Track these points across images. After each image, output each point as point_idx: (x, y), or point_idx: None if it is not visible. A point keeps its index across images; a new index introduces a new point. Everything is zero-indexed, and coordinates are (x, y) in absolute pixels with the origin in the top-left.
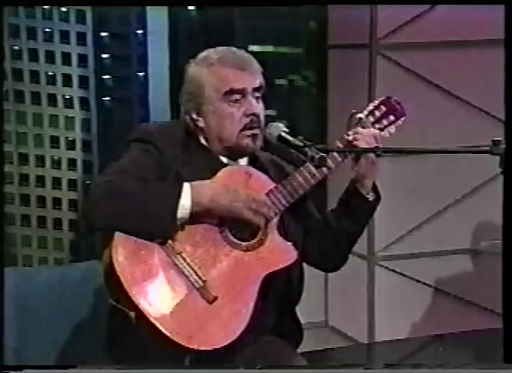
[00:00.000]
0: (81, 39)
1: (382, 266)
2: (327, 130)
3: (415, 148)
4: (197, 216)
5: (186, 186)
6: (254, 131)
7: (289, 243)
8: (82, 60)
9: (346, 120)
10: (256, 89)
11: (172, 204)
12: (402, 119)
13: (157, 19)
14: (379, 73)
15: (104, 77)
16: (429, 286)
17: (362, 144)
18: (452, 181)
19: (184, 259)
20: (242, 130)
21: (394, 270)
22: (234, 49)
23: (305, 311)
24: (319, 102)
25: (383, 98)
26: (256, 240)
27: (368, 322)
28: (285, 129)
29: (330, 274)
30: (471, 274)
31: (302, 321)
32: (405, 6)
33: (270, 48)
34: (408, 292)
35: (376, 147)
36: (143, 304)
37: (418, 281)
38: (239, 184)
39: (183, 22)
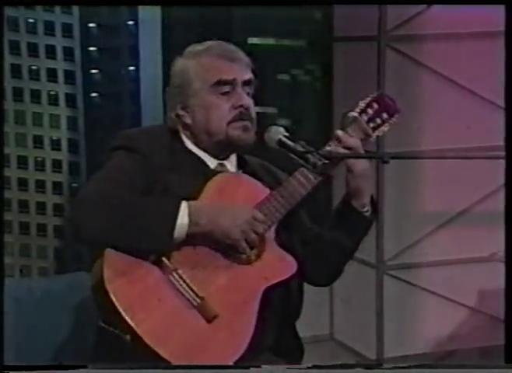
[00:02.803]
0: (67, 30)
1: (392, 275)
2: (333, 128)
3: (424, 155)
4: (193, 236)
5: (184, 204)
6: (245, 123)
7: (288, 254)
8: (68, 53)
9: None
10: (246, 83)
11: (169, 223)
12: (396, 116)
13: (149, 9)
14: (388, 67)
15: (92, 71)
16: (443, 297)
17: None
18: (464, 186)
19: (179, 276)
20: (231, 122)
21: (404, 280)
22: (222, 42)
23: (308, 324)
24: (324, 98)
25: (374, 94)
26: (254, 252)
27: (376, 336)
28: (285, 133)
29: (335, 283)
30: (486, 284)
31: (305, 334)
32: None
33: (271, 40)
34: (420, 303)
35: (383, 152)
36: (139, 326)
37: (430, 292)
38: (232, 194)
39: (177, 12)
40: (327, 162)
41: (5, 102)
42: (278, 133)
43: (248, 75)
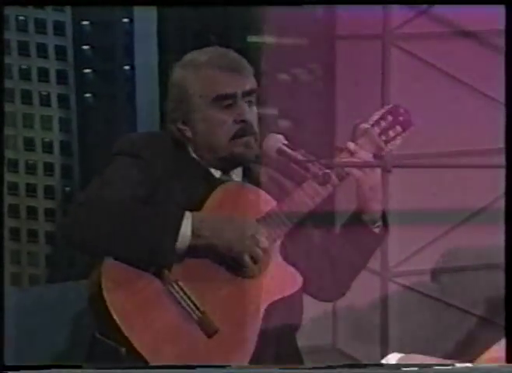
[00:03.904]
0: (59, 28)
1: (397, 282)
2: (336, 130)
3: (427, 163)
4: (195, 247)
5: (187, 215)
6: (247, 139)
7: (293, 268)
8: (61, 52)
9: (357, 119)
10: (247, 94)
11: (171, 234)
12: (409, 130)
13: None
14: (393, 66)
15: (85, 71)
16: (451, 305)
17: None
18: (471, 190)
19: (180, 287)
20: (233, 138)
21: (410, 288)
22: (223, 49)
23: (309, 333)
24: (326, 99)
25: (389, 106)
26: (258, 265)
27: (381, 346)
28: (284, 141)
29: None
30: (495, 292)
31: (306, 343)
32: None
33: (271, 38)
34: (427, 312)
35: (386, 161)
36: (136, 339)
37: (437, 300)
38: (236, 205)
39: (173, 9)
40: (327, 171)
41: None
42: (277, 141)
43: (250, 85)
